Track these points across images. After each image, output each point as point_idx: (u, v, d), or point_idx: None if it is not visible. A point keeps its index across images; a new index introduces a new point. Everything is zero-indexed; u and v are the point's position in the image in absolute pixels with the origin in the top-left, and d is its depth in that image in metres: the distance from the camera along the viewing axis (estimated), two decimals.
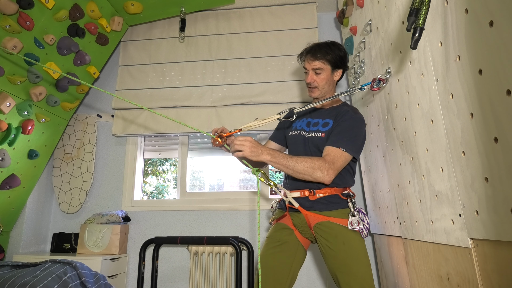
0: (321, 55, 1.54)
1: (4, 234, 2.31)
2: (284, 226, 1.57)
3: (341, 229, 1.43)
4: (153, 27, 2.80)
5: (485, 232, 0.84)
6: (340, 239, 1.41)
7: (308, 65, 1.57)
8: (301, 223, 1.53)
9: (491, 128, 0.76)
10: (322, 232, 1.46)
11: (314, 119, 1.60)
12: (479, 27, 0.77)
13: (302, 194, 1.50)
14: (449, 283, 1.09)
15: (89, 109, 2.81)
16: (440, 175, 1.06)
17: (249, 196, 2.55)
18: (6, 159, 2.03)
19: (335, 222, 1.45)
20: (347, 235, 1.42)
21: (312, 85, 1.57)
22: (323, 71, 1.56)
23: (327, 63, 1.55)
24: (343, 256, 1.39)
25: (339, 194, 1.50)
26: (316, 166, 1.37)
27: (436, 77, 1.01)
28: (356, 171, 1.64)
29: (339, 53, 1.57)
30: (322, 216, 1.47)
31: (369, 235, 2.37)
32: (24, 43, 1.92)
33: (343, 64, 1.59)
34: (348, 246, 1.40)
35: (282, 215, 1.60)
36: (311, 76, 1.56)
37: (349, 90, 1.39)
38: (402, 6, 1.25)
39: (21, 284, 1.60)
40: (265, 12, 2.68)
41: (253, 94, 2.53)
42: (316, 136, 1.53)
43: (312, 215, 1.48)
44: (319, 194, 1.48)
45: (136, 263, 2.47)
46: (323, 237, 1.46)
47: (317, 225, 1.48)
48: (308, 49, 1.60)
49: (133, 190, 2.66)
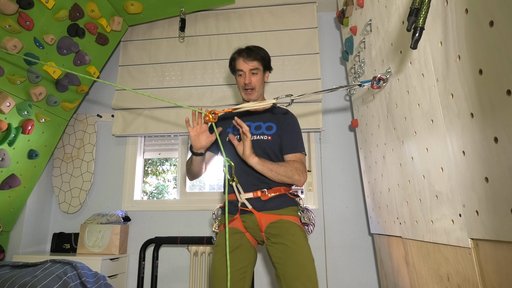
0: (257, 55, 1.58)
1: (4, 234, 2.31)
2: (234, 231, 1.51)
3: (292, 224, 1.47)
4: (153, 27, 2.80)
5: (485, 232, 0.84)
6: (291, 232, 1.44)
7: (245, 65, 1.57)
8: (253, 225, 1.50)
9: (491, 128, 0.76)
10: (273, 229, 1.46)
11: (254, 123, 1.60)
12: (479, 27, 0.77)
13: (255, 195, 1.49)
14: (449, 283, 1.09)
15: (89, 109, 2.81)
16: (440, 175, 1.06)
17: None
18: (6, 159, 2.03)
19: (287, 219, 1.48)
20: (296, 230, 1.46)
21: (250, 87, 1.56)
22: (259, 72, 1.59)
23: (261, 63, 1.59)
24: (293, 248, 1.40)
25: (287, 193, 1.55)
26: (294, 170, 1.48)
27: (436, 77, 1.01)
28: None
29: (267, 55, 1.62)
30: (274, 215, 1.48)
31: (369, 235, 2.38)
32: (24, 43, 1.92)
33: (270, 66, 1.65)
34: (297, 238, 1.43)
35: (232, 219, 1.53)
36: (248, 77, 1.56)
37: (348, 85, 1.39)
38: (402, 6, 1.25)
39: (21, 284, 1.60)
40: (265, 12, 2.68)
41: None
42: (262, 139, 1.54)
43: (264, 216, 1.48)
44: (271, 194, 1.50)
45: (136, 263, 2.47)
46: (273, 234, 1.45)
47: (269, 225, 1.47)
48: (241, 50, 1.60)
49: (133, 190, 2.66)
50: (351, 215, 2.43)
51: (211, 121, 1.37)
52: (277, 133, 1.56)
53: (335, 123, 2.60)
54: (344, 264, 2.36)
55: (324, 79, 2.63)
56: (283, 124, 1.57)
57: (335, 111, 2.62)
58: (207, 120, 1.37)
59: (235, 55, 1.61)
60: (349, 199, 2.46)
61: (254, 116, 1.63)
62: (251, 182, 1.51)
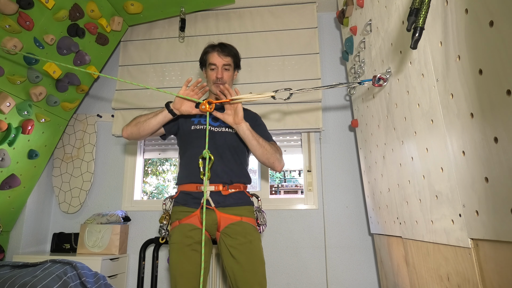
0: (231, 51, 1.61)
1: (4, 234, 2.31)
2: (192, 227, 1.45)
3: (250, 228, 1.48)
4: (153, 27, 2.80)
5: (485, 232, 0.84)
6: (248, 238, 1.44)
7: (219, 60, 1.58)
8: (212, 223, 1.46)
9: (491, 128, 0.76)
10: (231, 231, 1.45)
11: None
12: (479, 27, 0.77)
13: (216, 189, 1.47)
14: (449, 283, 1.09)
15: (89, 109, 2.81)
16: (440, 175, 1.06)
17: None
18: (6, 159, 2.03)
19: (246, 221, 1.48)
20: (254, 235, 1.47)
21: (222, 81, 1.58)
22: (230, 68, 1.62)
23: (233, 60, 1.63)
24: (248, 255, 1.42)
25: (245, 191, 1.57)
26: (277, 150, 1.55)
27: (436, 77, 1.01)
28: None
29: (238, 53, 1.67)
30: (234, 216, 1.47)
31: (369, 235, 2.38)
32: (24, 43, 1.92)
33: (239, 65, 1.69)
34: (254, 245, 1.44)
35: (190, 215, 1.47)
36: (221, 71, 1.58)
37: (348, 83, 1.39)
38: (402, 6, 1.25)
39: (21, 284, 1.60)
40: (265, 12, 2.68)
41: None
42: (229, 131, 1.57)
43: (224, 217, 1.46)
44: (231, 190, 1.50)
45: (136, 263, 2.47)
46: (230, 235, 1.44)
47: (229, 225, 1.45)
48: (215, 45, 1.62)
49: (133, 190, 2.66)
50: (351, 215, 2.43)
51: (208, 111, 1.37)
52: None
53: (335, 123, 2.60)
54: (344, 264, 2.36)
55: (324, 79, 2.63)
56: (252, 119, 1.61)
57: (335, 111, 2.62)
58: (203, 109, 1.37)
59: (209, 49, 1.62)
60: (349, 199, 2.46)
61: (221, 109, 1.61)
62: (215, 173, 1.48)
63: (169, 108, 1.49)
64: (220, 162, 1.51)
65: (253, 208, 1.57)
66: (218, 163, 1.49)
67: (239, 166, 1.57)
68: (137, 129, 1.53)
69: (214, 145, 1.51)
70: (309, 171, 2.54)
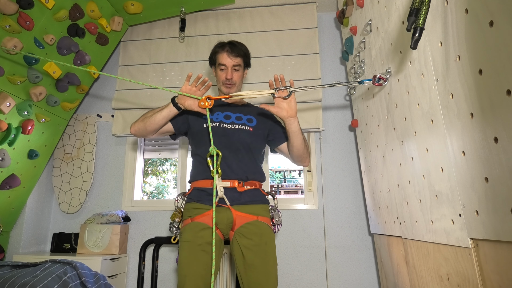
0: (240, 51, 1.59)
1: (4, 234, 2.31)
2: (204, 226, 1.40)
3: (266, 229, 1.45)
4: (153, 27, 2.80)
5: (485, 232, 0.84)
6: (264, 239, 1.42)
7: (228, 60, 1.57)
8: (226, 221, 1.42)
9: (491, 128, 0.76)
10: (247, 230, 1.41)
11: (234, 113, 1.59)
12: (479, 27, 0.77)
13: (232, 185, 1.44)
14: (449, 283, 1.09)
15: (89, 109, 2.81)
16: (440, 175, 1.06)
17: None
18: (6, 159, 2.03)
19: (262, 221, 1.46)
20: (270, 236, 1.45)
21: (232, 82, 1.57)
22: (240, 68, 1.60)
23: (243, 60, 1.61)
24: (263, 257, 1.39)
25: (260, 189, 1.55)
26: (308, 148, 1.57)
27: (436, 77, 1.01)
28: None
29: (248, 52, 1.64)
30: (250, 215, 1.44)
31: (369, 235, 2.38)
32: (24, 43, 1.92)
33: (250, 63, 1.67)
34: (268, 247, 1.42)
35: (203, 213, 1.43)
36: (230, 72, 1.57)
37: (348, 82, 1.39)
38: (402, 6, 1.25)
39: (21, 284, 1.60)
40: (265, 12, 2.68)
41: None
42: (243, 129, 1.54)
43: (240, 216, 1.42)
44: (247, 187, 1.47)
45: (136, 263, 2.47)
46: (245, 236, 1.41)
47: (244, 225, 1.43)
48: (225, 44, 1.60)
49: (133, 190, 2.66)
50: (351, 215, 2.43)
51: (207, 107, 1.36)
52: (258, 127, 1.57)
53: (335, 123, 2.60)
54: (344, 264, 2.36)
55: (324, 79, 2.63)
56: (268, 117, 1.61)
57: (335, 111, 2.62)
58: (202, 106, 1.37)
59: (218, 48, 1.61)
60: (349, 199, 2.46)
61: (233, 107, 1.62)
62: (230, 169, 1.46)
63: (174, 102, 1.48)
64: (234, 158, 1.48)
65: (268, 206, 1.53)
66: (233, 159, 1.47)
67: (253, 163, 1.54)
68: (144, 124, 1.51)
69: (228, 142, 1.49)
70: (309, 171, 2.54)
